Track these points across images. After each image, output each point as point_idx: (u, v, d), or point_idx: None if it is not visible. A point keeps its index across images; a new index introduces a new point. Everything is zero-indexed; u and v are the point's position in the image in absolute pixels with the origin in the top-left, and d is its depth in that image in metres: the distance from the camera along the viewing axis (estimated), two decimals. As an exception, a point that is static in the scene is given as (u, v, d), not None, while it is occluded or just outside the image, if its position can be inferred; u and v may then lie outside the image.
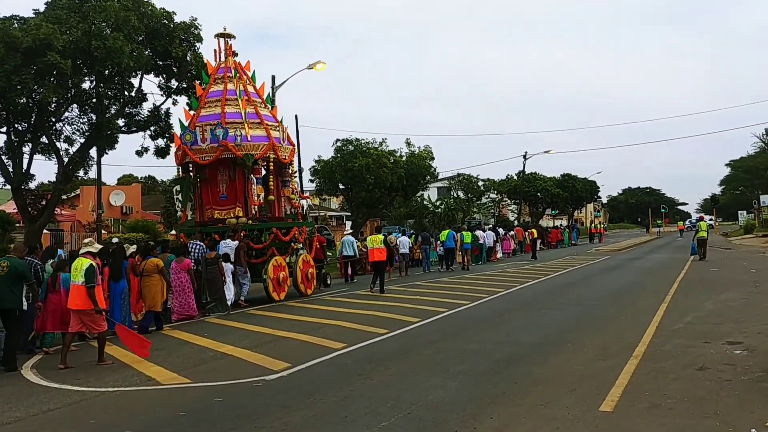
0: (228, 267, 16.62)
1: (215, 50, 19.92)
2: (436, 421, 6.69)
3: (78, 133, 21.71)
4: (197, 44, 21.76)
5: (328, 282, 22.75)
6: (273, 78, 29.60)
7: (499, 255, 36.50)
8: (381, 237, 20.73)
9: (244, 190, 18.90)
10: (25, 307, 10.57)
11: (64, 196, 23.91)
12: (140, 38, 19.87)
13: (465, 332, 12.08)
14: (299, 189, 22.53)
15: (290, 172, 20.69)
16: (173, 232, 28.93)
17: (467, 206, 58.34)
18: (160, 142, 22.69)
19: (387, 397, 7.65)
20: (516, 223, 59.68)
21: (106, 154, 22.70)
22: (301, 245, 19.66)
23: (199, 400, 8.08)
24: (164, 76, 21.84)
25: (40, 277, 11.52)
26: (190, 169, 19.50)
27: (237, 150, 18.32)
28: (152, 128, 22.41)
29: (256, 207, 19.17)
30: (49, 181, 25.00)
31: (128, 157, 42.52)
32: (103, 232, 25.76)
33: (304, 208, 22.53)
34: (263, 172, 19.50)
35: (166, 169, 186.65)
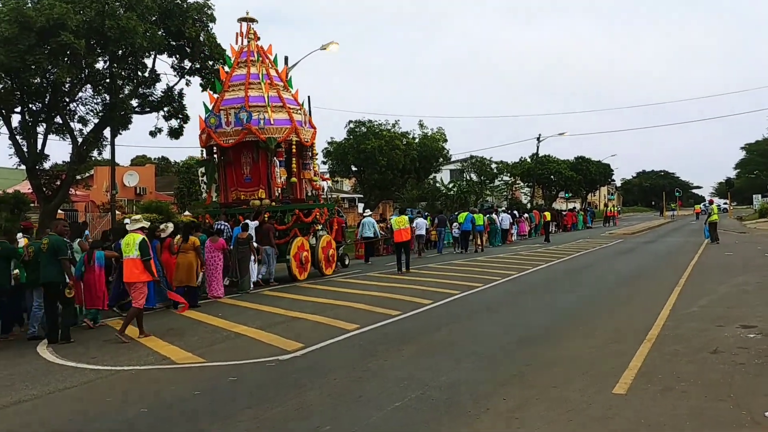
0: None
1: (237, 34, 20.18)
2: (449, 401, 6.71)
3: (92, 114, 21.74)
4: (210, 24, 21.69)
5: (347, 262, 23.11)
6: (286, 59, 29.45)
7: (515, 237, 36.47)
8: (406, 218, 21.49)
9: (267, 173, 19.24)
10: (67, 281, 10.97)
11: (78, 177, 24.00)
12: (153, 18, 19.82)
13: (478, 314, 12.09)
14: (320, 171, 22.73)
15: (311, 154, 20.97)
16: (186, 212, 29.05)
17: (480, 189, 58.22)
18: (174, 122, 22.69)
19: (400, 377, 7.67)
20: (529, 206, 59.45)
21: (120, 134, 22.71)
22: (321, 226, 20.09)
23: (214, 379, 8.15)
24: (177, 56, 21.80)
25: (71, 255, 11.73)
26: (215, 151, 19.90)
27: (260, 133, 18.69)
28: (165, 109, 22.40)
29: (279, 189, 19.47)
30: (63, 162, 25.04)
31: (142, 138, 42.74)
32: (116, 212, 25.88)
33: (325, 190, 22.76)
34: (285, 154, 19.67)
35: (179, 150, 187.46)
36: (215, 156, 20.00)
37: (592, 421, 5.99)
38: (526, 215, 41.01)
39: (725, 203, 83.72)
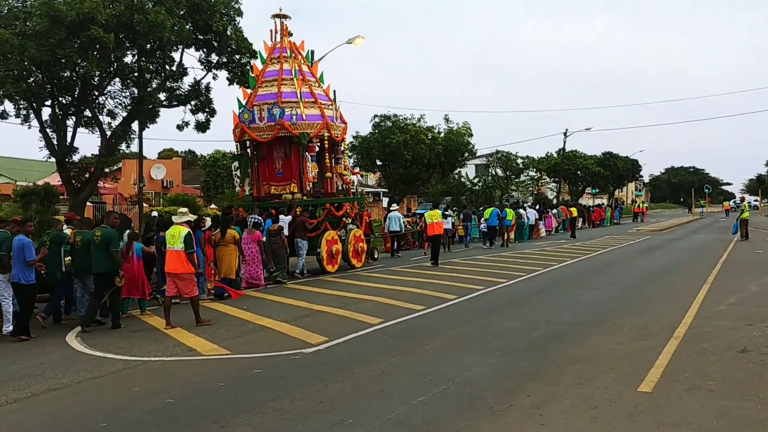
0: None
1: (271, 30, 20.74)
2: (472, 397, 6.70)
3: (120, 107, 21.84)
4: (237, 18, 21.70)
5: (376, 256, 23.51)
6: (311, 53, 29.52)
7: (543, 233, 36.35)
8: (440, 212, 22.13)
9: (299, 167, 19.61)
10: (121, 272, 11.61)
11: (106, 170, 24.21)
12: (181, 12, 19.88)
13: (502, 310, 12.04)
14: (350, 165, 23.18)
15: (342, 149, 21.33)
16: (213, 206, 29.29)
17: (505, 184, 57.87)
18: (200, 116, 22.76)
19: (424, 372, 7.67)
20: (555, 201, 59.07)
21: (148, 128, 22.82)
22: (351, 220, 20.48)
23: (239, 371, 8.21)
24: (205, 50, 21.85)
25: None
26: (248, 146, 20.38)
27: (293, 129, 19.10)
28: (193, 102, 22.47)
29: (310, 183, 19.83)
30: (92, 155, 25.27)
31: (169, 132, 43.24)
32: (144, 205, 26.13)
33: (355, 184, 23.02)
34: (317, 149, 20.03)
35: (206, 144, 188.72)
36: (248, 150, 20.46)
37: (617, 419, 5.94)
38: (553, 211, 40.70)
39: (756, 200, 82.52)
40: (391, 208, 28.54)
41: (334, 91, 21.16)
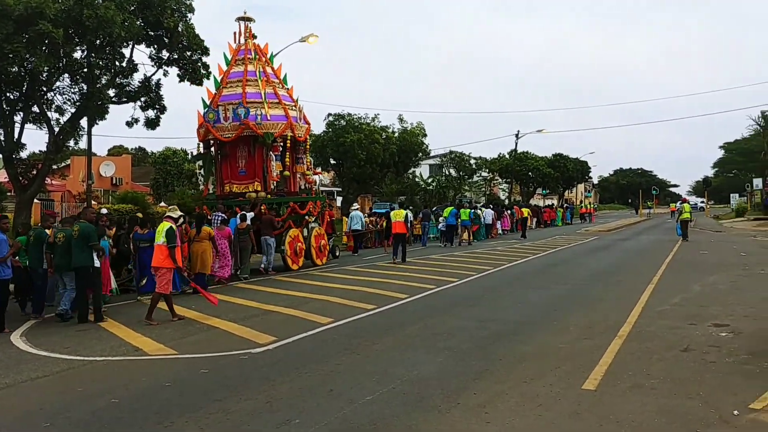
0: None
1: (235, 32, 21.32)
2: (420, 396, 6.73)
3: (69, 103, 21.44)
4: (189, 15, 21.46)
5: (337, 254, 23.93)
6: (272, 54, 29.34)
7: (499, 232, 37.46)
8: (404, 212, 23.03)
9: (263, 166, 20.08)
10: (97, 265, 11.85)
11: (54, 166, 23.78)
12: (132, 8, 19.57)
13: (452, 309, 12.12)
14: (312, 165, 23.66)
15: (304, 149, 21.85)
16: (162, 204, 28.96)
17: (459, 184, 58.29)
18: (151, 113, 22.46)
19: (372, 371, 7.69)
20: (507, 202, 59.71)
21: (97, 124, 22.47)
22: (314, 218, 21.12)
23: (185, 371, 8.11)
24: (155, 46, 21.55)
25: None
26: (211, 145, 20.71)
27: (257, 128, 19.55)
28: (143, 99, 22.16)
29: (274, 182, 20.29)
30: (39, 151, 24.78)
31: (119, 128, 42.51)
32: (92, 202, 25.62)
33: (317, 184, 23.55)
34: (280, 149, 20.37)
35: (156, 141, 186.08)
36: (212, 149, 20.80)
37: (561, 417, 6.03)
38: (508, 211, 41.53)
39: (702, 202, 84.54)
40: (353, 208, 28.91)
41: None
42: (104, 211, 17.51)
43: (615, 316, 10.78)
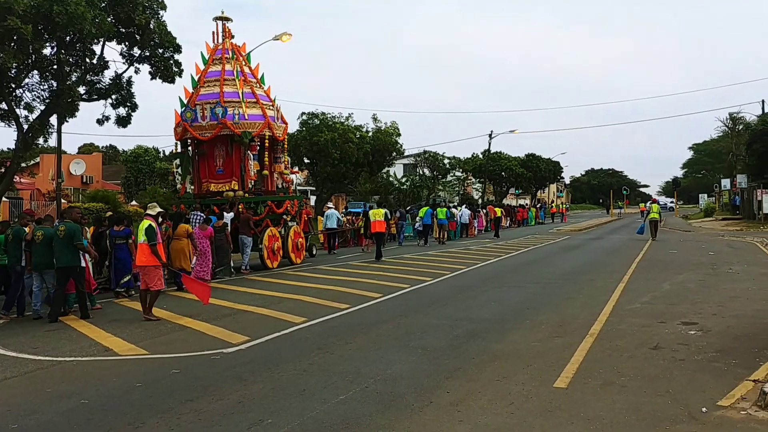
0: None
1: (213, 32, 21.52)
2: (393, 395, 6.73)
3: (38, 100, 21.07)
4: (161, 12, 21.23)
5: (314, 252, 24.10)
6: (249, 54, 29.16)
7: (476, 231, 38.11)
8: (383, 211, 23.59)
9: (241, 165, 20.19)
10: (83, 264, 11.99)
11: (23, 164, 23.42)
12: (103, 4, 19.31)
13: (426, 308, 12.15)
14: (290, 164, 23.83)
15: (282, 148, 21.94)
16: (134, 202, 28.72)
17: (432, 184, 58.42)
18: (122, 110, 22.20)
19: (346, 371, 7.68)
20: (480, 201, 59.99)
21: (67, 122, 22.10)
22: (291, 217, 21.27)
23: (156, 371, 8.03)
24: (127, 43, 21.29)
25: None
26: (189, 144, 20.87)
27: (235, 128, 19.75)
28: (114, 97, 21.88)
29: (252, 181, 20.36)
30: (8, 149, 24.40)
31: (89, 126, 42.07)
32: (62, 201, 25.30)
33: (294, 183, 23.73)
34: (258, 148, 20.59)
35: (127, 139, 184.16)
36: (189, 148, 20.94)
37: (532, 415, 6.07)
38: (483, 210, 42.09)
39: (672, 202, 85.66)
40: (328, 206, 29.21)
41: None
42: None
43: (586, 315, 10.88)
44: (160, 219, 15.24)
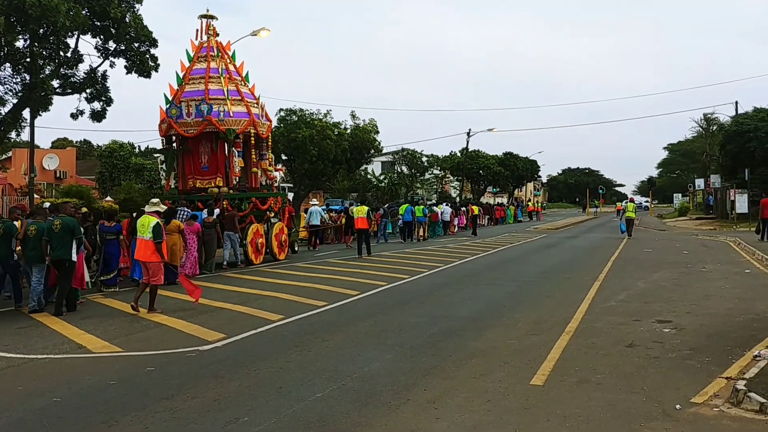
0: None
1: (197, 30, 21.60)
2: (370, 392, 6.71)
3: (10, 94, 20.80)
4: (137, 5, 21.08)
5: (296, 249, 24.25)
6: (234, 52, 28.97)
7: (455, 229, 38.51)
8: (366, 208, 23.85)
9: (226, 162, 20.62)
10: (74, 259, 11.91)
11: (-5, 159, 23.08)
12: (77, -3, 19.13)
13: (403, 306, 12.14)
14: (274, 162, 24.17)
15: (266, 145, 22.15)
16: (108, 198, 28.47)
17: (410, 181, 58.46)
18: (96, 105, 21.98)
19: (323, 368, 7.64)
20: (458, 199, 60.15)
21: (40, 116, 21.85)
22: (275, 214, 21.57)
23: (130, 369, 7.92)
24: (102, 37, 21.08)
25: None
26: (174, 140, 21.00)
27: (220, 125, 19.97)
28: (88, 91, 21.66)
29: (236, 178, 20.73)
30: (-21, 143, 23.97)
31: (63, 120, 41.62)
32: (35, 196, 24.98)
33: (278, 180, 24.03)
34: (242, 145, 20.78)
35: (102, 134, 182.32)
36: (174, 145, 21.04)
37: (509, 412, 6.08)
38: (463, 208, 42.38)
39: (647, 201, 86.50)
40: (311, 203, 29.75)
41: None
42: (47, 205, 17.15)
43: (562, 313, 10.94)
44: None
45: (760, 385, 6.37)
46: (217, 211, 18.73)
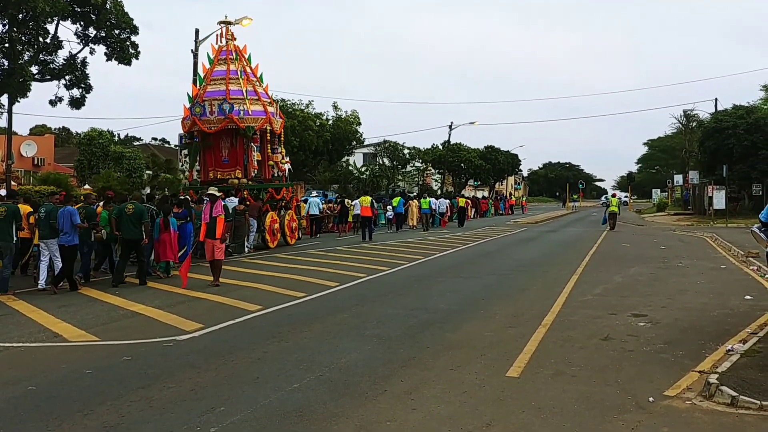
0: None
1: (217, 35, 23.76)
2: (347, 383, 6.74)
3: (-12, 79, 20.61)
4: (118, -8, 20.92)
5: (299, 235, 25.40)
6: (197, 32, 28.92)
7: (448, 221, 39.00)
8: (369, 198, 26.85)
9: (245, 156, 22.68)
10: (145, 239, 14.07)
11: (-29, 144, 22.81)
12: (57, -18, 18.92)
13: (382, 298, 12.18)
14: (285, 155, 25.72)
15: (279, 140, 24.38)
16: (87, 186, 28.31)
17: (392, 174, 58.48)
18: (75, 92, 21.82)
19: (300, 359, 7.66)
20: (439, 192, 60.26)
21: (18, 102, 21.66)
22: (286, 203, 23.48)
23: (107, 358, 7.90)
24: (82, 23, 20.91)
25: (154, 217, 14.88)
26: (195, 135, 23.03)
27: (240, 122, 22.06)
28: (67, 77, 21.50)
29: (254, 170, 22.91)
30: (-45, 128, 23.71)
31: (41, 107, 41.18)
32: (12, 183, 24.71)
33: (287, 172, 25.35)
34: (259, 140, 23.05)
35: (81, 121, 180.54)
36: (196, 140, 23.15)
37: (484, 403, 6.13)
38: (448, 201, 42.58)
39: (626, 196, 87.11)
40: (312, 194, 31.50)
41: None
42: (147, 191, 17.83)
43: (540, 306, 11.01)
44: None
45: (732, 378, 6.46)
46: (235, 199, 20.17)
